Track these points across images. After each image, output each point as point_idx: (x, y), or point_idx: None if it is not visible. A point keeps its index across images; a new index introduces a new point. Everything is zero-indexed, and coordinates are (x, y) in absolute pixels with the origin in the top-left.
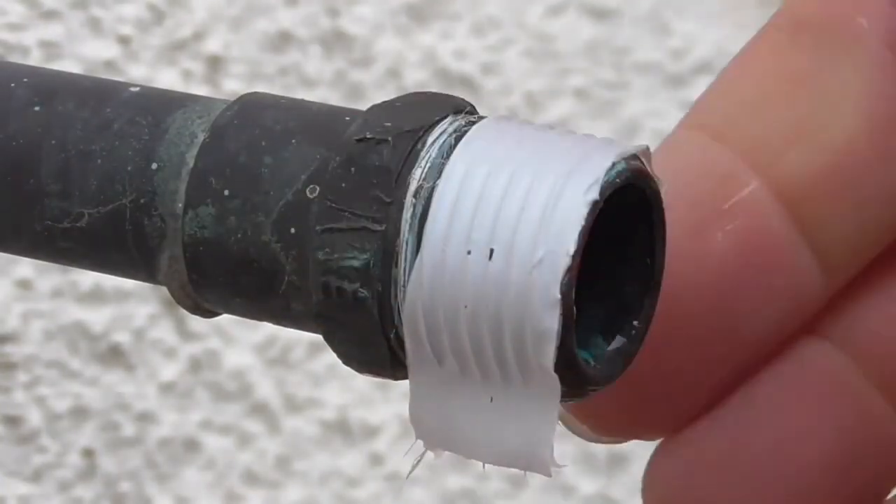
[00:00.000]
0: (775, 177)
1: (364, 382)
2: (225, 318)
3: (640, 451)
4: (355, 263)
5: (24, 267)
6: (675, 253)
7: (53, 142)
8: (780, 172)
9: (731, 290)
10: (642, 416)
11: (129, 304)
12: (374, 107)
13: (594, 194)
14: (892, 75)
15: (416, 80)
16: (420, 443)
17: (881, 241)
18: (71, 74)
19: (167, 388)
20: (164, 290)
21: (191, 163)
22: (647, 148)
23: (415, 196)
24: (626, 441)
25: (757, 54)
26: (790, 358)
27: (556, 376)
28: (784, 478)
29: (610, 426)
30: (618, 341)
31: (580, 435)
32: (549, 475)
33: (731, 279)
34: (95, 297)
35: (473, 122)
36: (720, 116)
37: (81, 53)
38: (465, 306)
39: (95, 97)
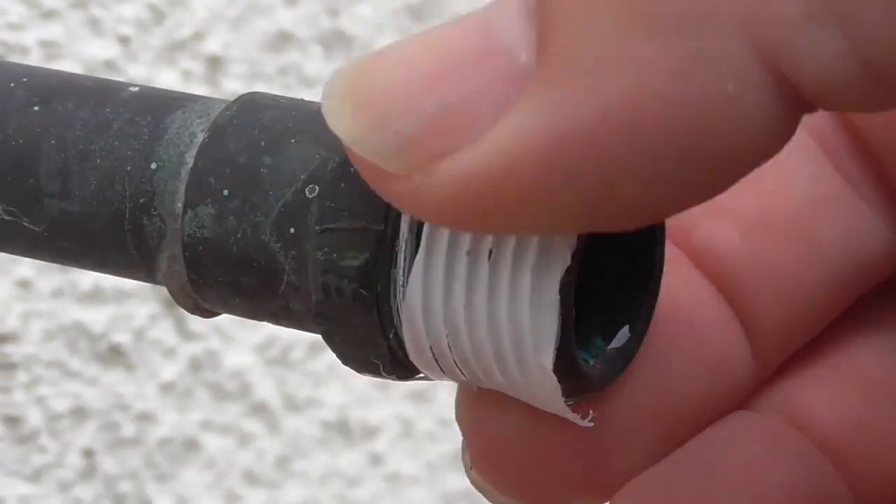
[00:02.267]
0: (692, 246)
1: (364, 382)
2: (225, 318)
3: None
4: (354, 263)
5: (24, 267)
6: None
7: (53, 141)
8: (695, 241)
9: (657, 352)
10: (557, 481)
11: (129, 304)
12: None
13: None
14: (814, 157)
15: None
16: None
17: (813, 322)
18: (70, 74)
19: (167, 388)
20: (164, 289)
21: (190, 162)
22: None
23: None
24: None
25: None
26: (724, 423)
27: (554, 377)
28: None
29: (522, 487)
30: (617, 342)
31: (485, 494)
32: None
33: (658, 340)
34: (95, 297)
35: None
36: None
37: (81, 53)
38: (464, 306)
39: (95, 97)
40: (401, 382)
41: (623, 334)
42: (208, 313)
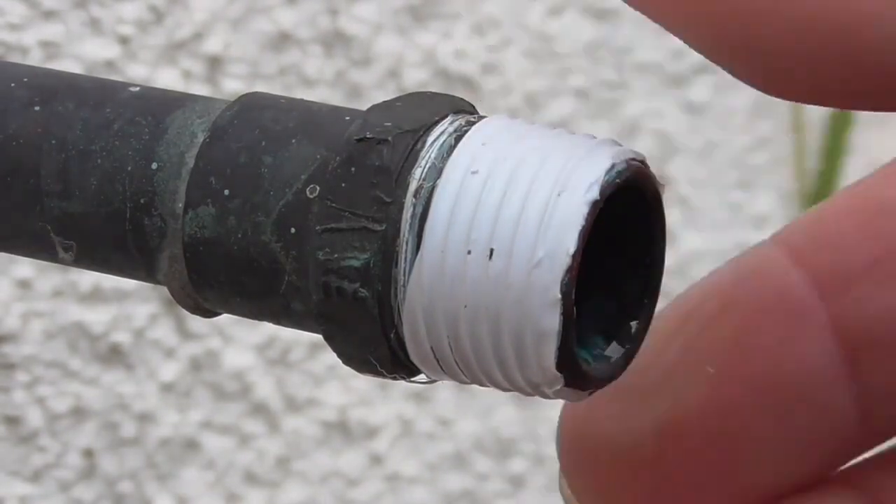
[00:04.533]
0: (840, 308)
1: (364, 382)
2: (225, 318)
3: None
4: (355, 263)
5: (24, 267)
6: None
7: (53, 142)
8: (845, 305)
9: (754, 410)
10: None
11: (129, 304)
12: (374, 107)
13: (594, 194)
14: None
15: (416, 80)
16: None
17: None
18: (71, 74)
19: (167, 388)
20: (164, 289)
21: (191, 163)
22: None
23: (415, 196)
24: None
25: (858, 189)
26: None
27: (559, 375)
28: None
29: None
30: (618, 341)
31: None
32: None
33: (759, 397)
34: (95, 297)
35: (473, 122)
36: (805, 238)
37: (81, 53)
38: (465, 306)
39: (95, 97)
40: (401, 382)
41: (623, 334)
42: (209, 313)
